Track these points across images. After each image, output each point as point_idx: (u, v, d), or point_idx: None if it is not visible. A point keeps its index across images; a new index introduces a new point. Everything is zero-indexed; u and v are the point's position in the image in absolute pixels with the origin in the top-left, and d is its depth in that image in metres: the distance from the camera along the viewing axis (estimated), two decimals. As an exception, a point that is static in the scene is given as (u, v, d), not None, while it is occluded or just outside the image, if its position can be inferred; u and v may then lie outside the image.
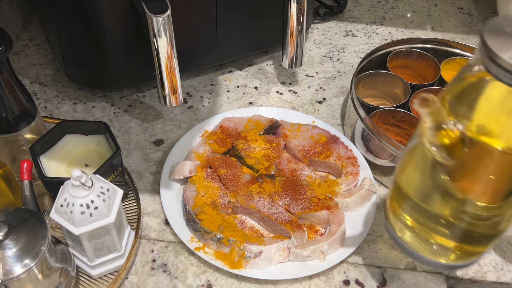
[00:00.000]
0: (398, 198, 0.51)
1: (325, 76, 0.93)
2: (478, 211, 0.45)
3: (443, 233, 0.48)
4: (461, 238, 0.48)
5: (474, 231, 0.47)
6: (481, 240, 0.49)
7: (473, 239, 0.48)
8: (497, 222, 0.46)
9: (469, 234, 0.47)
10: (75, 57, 0.78)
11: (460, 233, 0.47)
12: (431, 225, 0.48)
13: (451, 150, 0.41)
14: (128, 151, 0.77)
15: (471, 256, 0.51)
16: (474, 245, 0.50)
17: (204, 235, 0.63)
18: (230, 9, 0.79)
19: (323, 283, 0.62)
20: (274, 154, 0.73)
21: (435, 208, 0.47)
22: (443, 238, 0.49)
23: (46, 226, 0.52)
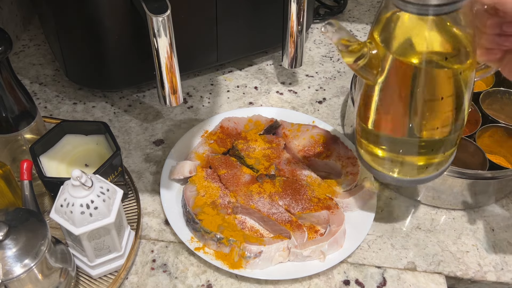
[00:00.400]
0: (373, 139, 0.57)
1: (325, 76, 0.93)
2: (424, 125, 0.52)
3: (408, 151, 0.55)
4: (424, 150, 0.54)
5: (440, 139, 0.53)
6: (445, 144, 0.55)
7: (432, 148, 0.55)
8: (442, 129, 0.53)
9: (437, 144, 0.54)
10: (75, 57, 0.78)
11: (429, 146, 0.54)
12: (396, 148, 0.55)
13: (374, 72, 0.50)
14: (128, 151, 0.77)
15: (438, 166, 0.57)
16: (442, 151, 0.55)
17: (204, 235, 0.63)
18: (230, 9, 0.79)
19: (323, 283, 0.62)
20: (274, 154, 0.73)
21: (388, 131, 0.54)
22: (410, 156, 0.55)
23: (46, 226, 0.52)
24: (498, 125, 0.73)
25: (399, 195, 0.73)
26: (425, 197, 0.71)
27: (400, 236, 0.68)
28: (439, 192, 0.69)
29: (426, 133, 0.52)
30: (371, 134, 0.56)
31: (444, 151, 0.55)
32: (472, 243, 0.68)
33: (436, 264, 0.65)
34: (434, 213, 0.71)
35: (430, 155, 0.55)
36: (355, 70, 0.50)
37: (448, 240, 0.68)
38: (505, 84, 0.80)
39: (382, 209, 0.71)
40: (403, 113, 0.52)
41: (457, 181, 0.66)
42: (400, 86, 0.51)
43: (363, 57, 0.49)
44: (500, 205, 0.72)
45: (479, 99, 0.77)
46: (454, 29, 0.48)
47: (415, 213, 0.71)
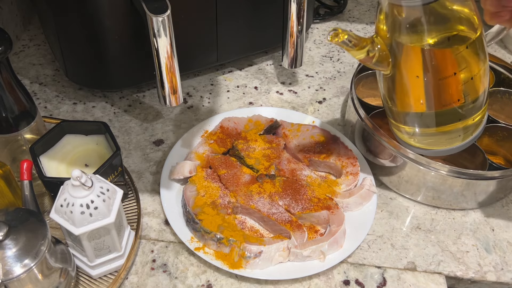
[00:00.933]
0: (403, 120, 0.61)
1: (325, 76, 0.93)
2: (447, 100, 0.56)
3: (438, 123, 0.58)
4: (457, 119, 0.58)
5: (463, 109, 0.57)
6: (470, 112, 0.58)
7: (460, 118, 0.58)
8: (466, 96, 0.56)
9: (462, 114, 0.57)
10: (75, 57, 0.78)
11: (455, 117, 0.58)
12: (429, 122, 0.58)
13: (386, 63, 0.54)
14: (128, 151, 0.77)
15: (475, 129, 0.60)
16: (470, 119, 0.58)
17: (204, 235, 0.63)
18: (230, 9, 0.79)
19: (323, 283, 0.62)
20: (274, 154, 0.73)
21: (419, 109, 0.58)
22: (447, 126, 0.59)
23: (46, 226, 0.52)
24: (498, 125, 0.73)
25: (399, 195, 0.73)
26: (425, 197, 0.71)
27: (400, 236, 0.68)
28: (439, 192, 0.69)
29: (450, 106, 0.55)
30: (401, 115, 0.60)
31: (471, 118, 0.58)
32: (472, 243, 0.68)
33: (436, 264, 0.65)
34: (434, 213, 0.71)
35: (459, 124, 0.58)
36: (369, 65, 0.54)
37: (448, 240, 0.68)
38: (505, 84, 0.80)
39: (382, 209, 0.71)
40: (423, 93, 0.55)
41: (457, 181, 0.66)
42: (412, 71, 0.54)
43: (373, 51, 0.53)
44: (500, 205, 0.72)
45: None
46: (454, 7, 0.51)
47: (415, 213, 0.71)
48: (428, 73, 0.53)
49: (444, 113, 0.56)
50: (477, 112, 0.58)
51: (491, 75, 0.81)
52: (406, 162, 0.68)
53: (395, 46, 0.53)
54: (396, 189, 0.72)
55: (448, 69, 0.53)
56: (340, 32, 0.51)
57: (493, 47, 1.02)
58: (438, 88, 0.54)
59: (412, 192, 0.71)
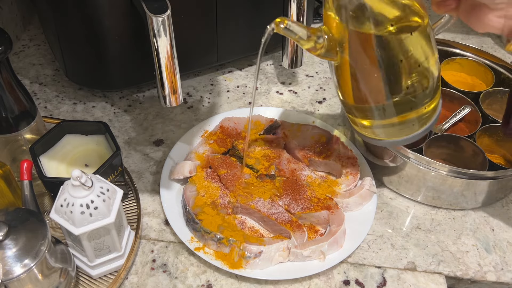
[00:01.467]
0: (356, 113, 0.60)
1: (325, 76, 0.93)
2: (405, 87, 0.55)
3: (389, 114, 0.57)
4: (409, 108, 0.57)
5: (413, 98, 0.56)
6: (421, 100, 0.57)
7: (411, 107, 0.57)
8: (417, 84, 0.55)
9: (413, 102, 0.57)
10: (75, 57, 0.78)
11: (406, 106, 0.57)
12: (381, 112, 0.57)
13: (334, 52, 0.54)
14: (128, 151, 0.77)
15: (429, 117, 0.59)
16: (422, 107, 0.58)
17: (204, 235, 0.63)
18: (230, 9, 0.79)
19: (323, 283, 0.62)
20: (274, 154, 0.73)
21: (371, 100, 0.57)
22: (394, 119, 0.58)
23: (46, 226, 0.52)
24: (498, 125, 0.73)
25: (399, 195, 0.73)
26: (425, 197, 0.71)
27: (400, 236, 0.68)
28: (439, 192, 0.69)
29: (400, 95, 0.55)
30: (352, 108, 0.59)
31: (423, 106, 0.57)
32: (472, 243, 0.68)
33: (436, 264, 0.65)
34: (434, 213, 0.71)
35: (412, 113, 0.57)
36: (317, 55, 0.54)
37: (448, 240, 0.68)
38: (505, 84, 0.80)
39: (382, 209, 0.71)
40: (371, 81, 0.55)
41: (457, 181, 0.66)
42: (358, 59, 0.54)
43: (320, 42, 0.53)
44: (500, 205, 0.72)
45: (479, 99, 0.77)
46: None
47: (415, 213, 0.71)
48: (374, 60, 0.53)
49: (394, 103, 0.56)
50: (429, 100, 0.58)
51: (491, 75, 0.81)
52: (406, 162, 0.68)
53: (341, 34, 0.53)
54: (396, 189, 0.72)
55: (394, 56, 0.53)
56: (284, 21, 0.52)
57: (493, 47, 1.03)
58: (385, 76, 0.54)
59: (412, 192, 0.71)
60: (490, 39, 1.05)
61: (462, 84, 0.82)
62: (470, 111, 0.76)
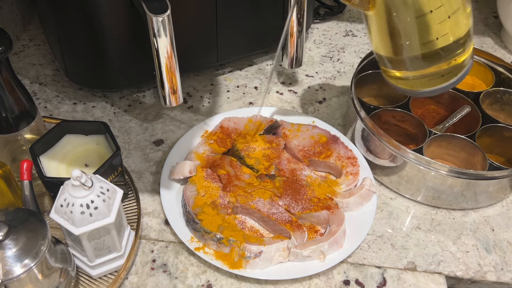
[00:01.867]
0: (390, 64, 0.61)
1: (325, 76, 0.93)
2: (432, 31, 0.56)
3: (428, 63, 0.58)
4: (439, 59, 0.58)
5: (443, 49, 0.57)
6: (452, 52, 0.58)
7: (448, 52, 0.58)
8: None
9: (443, 53, 0.57)
10: (75, 57, 0.78)
11: (435, 57, 0.57)
12: (418, 64, 0.58)
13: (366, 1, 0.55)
14: (128, 151, 0.77)
15: (458, 68, 0.60)
16: (452, 59, 0.58)
17: (204, 235, 0.63)
18: (230, 9, 0.79)
19: (323, 283, 0.62)
20: (274, 154, 0.73)
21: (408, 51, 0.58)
22: (431, 67, 0.58)
23: (46, 226, 0.52)
24: (498, 125, 0.73)
25: (399, 195, 0.73)
26: (425, 197, 0.71)
27: (400, 236, 0.68)
28: (439, 192, 0.69)
29: (433, 44, 0.56)
30: (383, 58, 0.60)
31: (455, 57, 0.58)
32: (472, 243, 0.68)
33: (436, 264, 0.65)
34: (434, 213, 0.71)
35: (442, 64, 0.58)
36: (350, 3, 0.55)
37: (448, 240, 0.68)
38: (505, 84, 0.80)
39: (382, 209, 0.71)
40: (403, 32, 0.56)
41: (457, 181, 0.66)
42: (390, 9, 0.54)
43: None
44: (500, 205, 0.72)
45: (479, 99, 0.77)
46: None
47: (415, 213, 0.71)
48: (404, 11, 0.54)
49: (425, 54, 0.57)
50: (460, 52, 0.58)
51: (491, 75, 0.81)
52: (406, 162, 0.68)
53: None
54: (396, 189, 0.72)
55: (425, 7, 0.53)
56: None
57: (493, 47, 1.03)
58: (416, 27, 0.55)
59: (412, 192, 0.71)
60: (490, 39, 1.05)
61: (462, 84, 0.82)
62: (470, 111, 0.76)
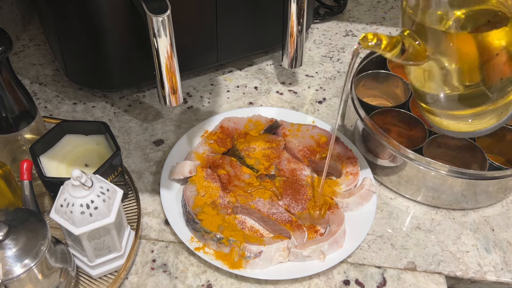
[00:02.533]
0: (428, 104, 0.60)
1: (325, 76, 0.93)
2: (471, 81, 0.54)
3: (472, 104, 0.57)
4: (482, 103, 0.56)
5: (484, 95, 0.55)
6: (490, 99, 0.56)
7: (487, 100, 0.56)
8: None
9: (483, 99, 0.56)
10: (75, 57, 0.78)
11: (478, 101, 0.56)
12: (460, 105, 0.57)
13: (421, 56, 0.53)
14: (128, 151, 0.77)
15: (509, 107, 0.58)
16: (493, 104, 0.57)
17: (204, 235, 0.63)
18: (230, 9, 0.79)
19: (323, 283, 0.62)
20: (274, 154, 0.73)
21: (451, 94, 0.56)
22: (474, 109, 0.57)
23: (46, 226, 0.52)
24: (498, 125, 0.73)
25: (399, 195, 0.73)
26: (425, 197, 0.71)
27: (400, 236, 0.68)
28: (439, 192, 0.69)
29: (494, 87, 0.54)
30: (439, 110, 0.59)
31: (509, 95, 0.56)
32: (472, 243, 0.68)
33: (436, 264, 0.65)
34: (434, 213, 0.71)
35: (502, 103, 0.57)
36: (403, 63, 0.53)
37: (448, 240, 0.68)
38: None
39: (382, 209, 0.71)
40: (464, 79, 0.54)
41: (457, 181, 0.66)
42: (451, 60, 0.52)
43: (405, 49, 0.51)
44: (500, 205, 0.72)
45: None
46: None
47: (415, 213, 0.71)
48: (470, 59, 0.52)
49: (480, 94, 0.55)
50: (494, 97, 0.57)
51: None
52: (406, 162, 0.68)
53: (429, 36, 0.51)
54: (396, 189, 0.72)
55: (491, 52, 0.51)
56: (369, 36, 0.50)
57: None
58: (483, 71, 0.53)
59: (412, 192, 0.71)
60: (490, 39, 1.05)
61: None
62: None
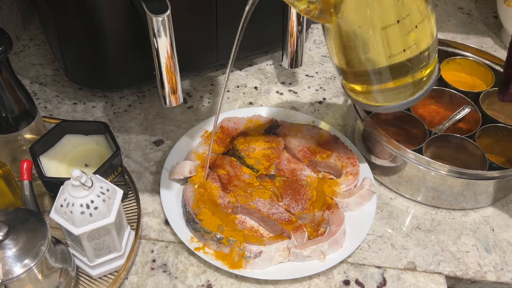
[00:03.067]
0: (352, 78, 0.59)
1: (325, 76, 0.93)
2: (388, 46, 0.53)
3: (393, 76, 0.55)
4: (406, 72, 0.55)
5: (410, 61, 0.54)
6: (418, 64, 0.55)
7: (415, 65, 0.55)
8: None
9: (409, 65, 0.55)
10: (75, 57, 0.78)
11: (403, 69, 0.55)
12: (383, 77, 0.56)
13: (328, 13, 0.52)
14: (128, 151, 0.77)
15: (425, 82, 0.58)
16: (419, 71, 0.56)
17: (204, 235, 0.63)
18: (230, 9, 0.79)
19: (323, 283, 0.62)
20: (274, 154, 0.73)
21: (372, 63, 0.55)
22: (396, 81, 0.56)
23: (46, 226, 0.52)
24: (498, 125, 0.73)
25: (399, 195, 0.73)
26: (425, 197, 0.71)
27: (400, 236, 0.68)
28: (439, 192, 0.69)
29: (396, 58, 0.53)
30: (348, 73, 0.58)
31: (420, 70, 0.56)
32: (472, 243, 0.68)
33: (436, 264, 0.65)
34: (434, 213, 0.71)
35: (408, 77, 0.56)
36: (310, 17, 0.52)
37: (448, 240, 0.68)
38: (505, 84, 0.80)
39: (382, 209, 0.71)
40: (367, 44, 0.53)
41: (457, 181, 0.66)
42: (354, 20, 0.52)
43: (314, 2, 0.50)
44: (500, 205, 0.72)
45: (479, 99, 0.77)
46: None
47: (415, 213, 0.71)
48: (370, 22, 0.51)
49: (391, 66, 0.54)
50: (426, 64, 0.56)
51: (491, 75, 0.81)
52: (406, 162, 0.68)
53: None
54: (396, 189, 0.72)
55: (391, 16, 0.51)
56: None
57: (493, 47, 1.02)
58: (382, 38, 0.52)
59: (412, 192, 0.71)
60: (490, 39, 1.05)
61: (462, 84, 0.82)
62: (470, 111, 0.76)
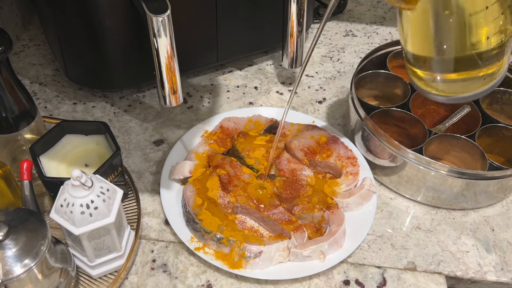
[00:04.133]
0: (420, 66, 0.57)
1: (325, 76, 0.93)
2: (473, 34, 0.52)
3: (469, 66, 0.54)
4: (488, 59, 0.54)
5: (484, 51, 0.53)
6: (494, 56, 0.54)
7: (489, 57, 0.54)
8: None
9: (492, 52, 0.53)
10: (75, 57, 0.78)
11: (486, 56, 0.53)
12: (453, 67, 0.55)
13: None
14: (128, 151, 0.77)
15: (497, 73, 0.57)
16: (493, 63, 0.55)
17: (204, 235, 0.63)
18: (230, 9, 0.79)
19: (323, 283, 0.62)
20: (274, 154, 0.73)
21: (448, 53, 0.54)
22: (470, 71, 0.55)
23: (46, 226, 0.52)
24: (498, 125, 0.73)
25: (399, 195, 0.73)
26: (425, 197, 0.71)
27: (400, 236, 0.68)
28: (439, 192, 0.69)
29: (481, 45, 0.53)
30: (421, 60, 0.56)
31: (498, 59, 0.55)
32: (472, 243, 0.68)
33: (436, 264, 0.65)
34: (434, 213, 0.71)
35: (487, 67, 0.55)
36: (394, 2, 0.52)
37: (448, 240, 0.68)
38: (505, 84, 0.80)
39: (382, 209, 0.71)
40: (453, 31, 0.52)
41: (457, 181, 0.66)
42: (441, 7, 0.51)
43: None
44: (500, 205, 0.72)
45: (479, 99, 0.77)
46: None
47: (415, 213, 0.71)
48: (457, 7, 0.50)
49: (471, 55, 0.53)
50: (504, 54, 0.55)
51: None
52: (406, 162, 0.68)
53: None
54: (396, 189, 0.72)
55: (480, 3, 0.50)
56: None
57: (493, 47, 1.02)
58: (468, 25, 0.51)
59: (412, 192, 0.71)
60: (490, 39, 1.05)
61: (462, 84, 0.82)
62: (470, 111, 0.76)
